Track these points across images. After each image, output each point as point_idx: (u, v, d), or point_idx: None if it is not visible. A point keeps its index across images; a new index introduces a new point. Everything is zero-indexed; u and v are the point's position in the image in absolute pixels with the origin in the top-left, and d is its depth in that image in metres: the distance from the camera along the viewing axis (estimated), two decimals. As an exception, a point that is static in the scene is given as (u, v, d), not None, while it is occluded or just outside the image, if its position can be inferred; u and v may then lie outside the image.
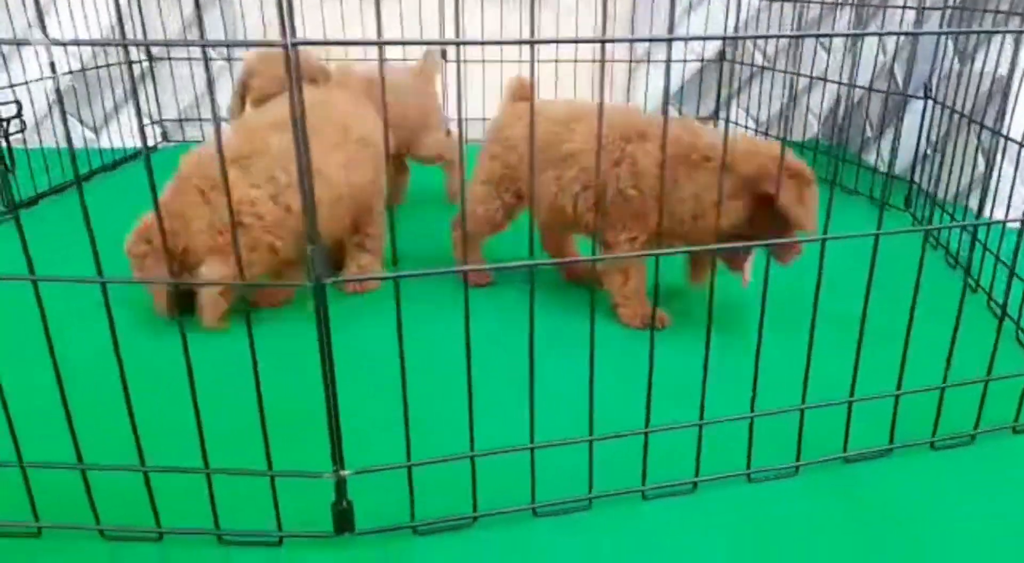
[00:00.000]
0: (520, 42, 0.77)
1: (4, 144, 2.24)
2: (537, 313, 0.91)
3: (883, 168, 2.48)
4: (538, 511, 1.01)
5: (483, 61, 2.96)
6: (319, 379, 0.86)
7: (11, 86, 2.32)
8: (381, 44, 0.73)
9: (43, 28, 0.77)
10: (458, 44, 0.76)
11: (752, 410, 1.05)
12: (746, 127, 3.15)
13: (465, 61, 2.94)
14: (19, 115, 2.29)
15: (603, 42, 0.81)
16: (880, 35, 2.18)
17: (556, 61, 3.01)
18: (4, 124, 2.24)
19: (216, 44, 0.74)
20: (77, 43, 0.75)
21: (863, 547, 0.96)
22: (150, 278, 1.42)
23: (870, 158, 2.69)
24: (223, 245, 1.42)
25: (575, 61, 3.02)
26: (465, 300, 0.88)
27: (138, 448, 0.92)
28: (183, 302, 1.50)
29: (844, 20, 2.96)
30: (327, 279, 0.82)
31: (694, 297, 1.65)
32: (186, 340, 0.86)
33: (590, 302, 0.95)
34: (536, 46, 0.77)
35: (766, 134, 3.08)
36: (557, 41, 0.83)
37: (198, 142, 2.96)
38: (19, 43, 0.77)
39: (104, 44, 0.95)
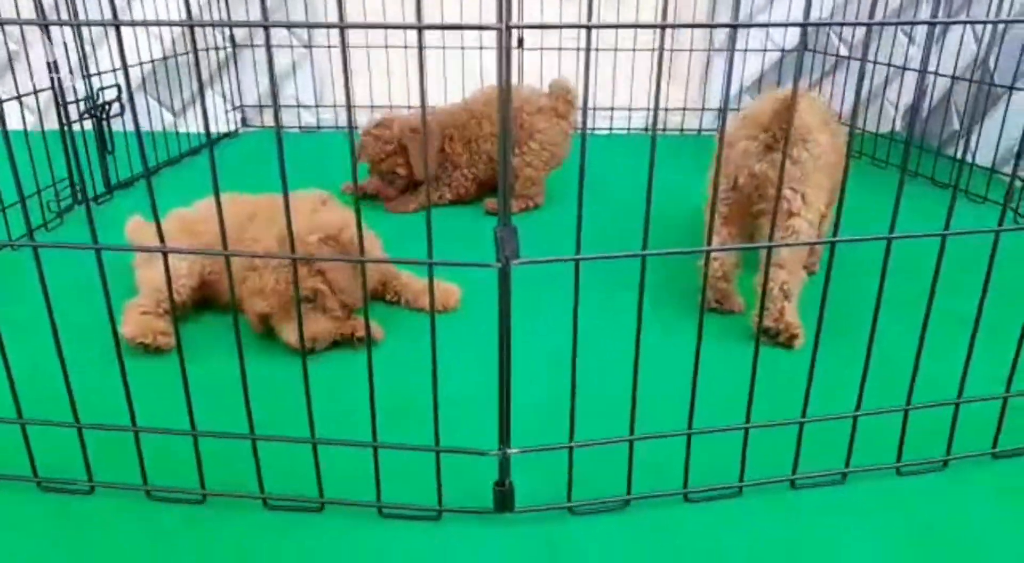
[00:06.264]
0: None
1: (105, 127, 2.31)
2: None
3: (974, 161, 2.42)
4: (690, 496, 1.02)
5: (541, 48, 2.95)
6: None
7: (113, 70, 2.38)
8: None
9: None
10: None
11: (908, 402, 1.04)
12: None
13: (521, 47, 2.94)
14: (119, 98, 2.35)
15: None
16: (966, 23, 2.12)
17: (616, 49, 2.98)
18: (106, 107, 2.30)
19: (432, 27, 0.75)
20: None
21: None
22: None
23: (949, 152, 2.63)
24: None
25: (634, 50, 3.00)
26: (641, 286, 0.88)
27: (310, 421, 0.95)
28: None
29: (927, 8, 2.89)
30: (514, 261, 0.83)
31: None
32: (368, 321, 0.88)
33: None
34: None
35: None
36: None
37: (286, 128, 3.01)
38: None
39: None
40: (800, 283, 1.43)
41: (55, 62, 2.05)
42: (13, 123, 1.07)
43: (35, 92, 2.02)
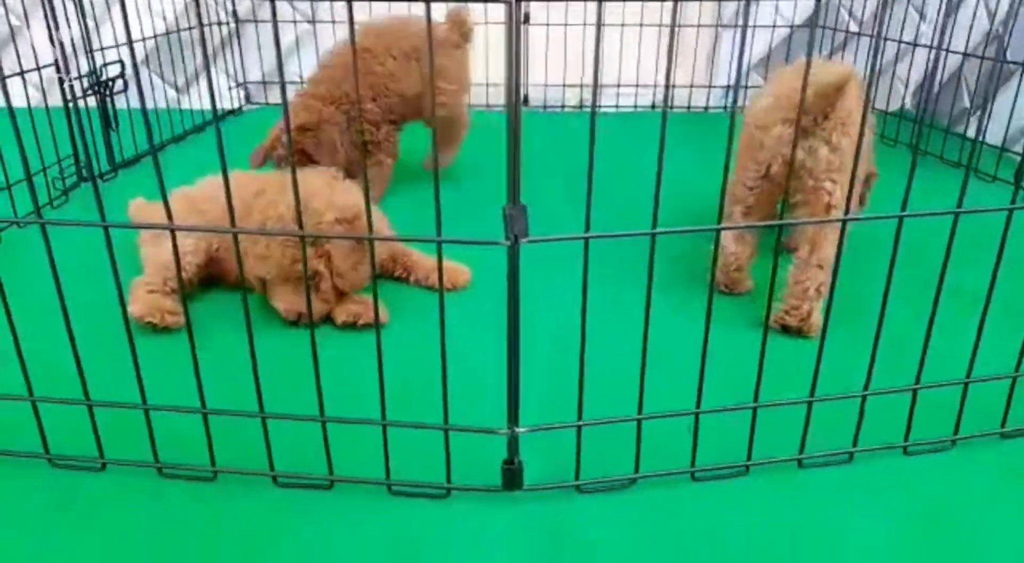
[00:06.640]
0: None
1: (109, 104, 2.29)
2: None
3: (983, 140, 2.39)
4: (697, 475, 1.02)
5: (547, 24, 2.92)
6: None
7: (116, 46, 2.35)
8: None
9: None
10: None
11: (917, 382, 1.04)
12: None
13: (528, 23, 2.91)
14: (122, 75, 2.33)
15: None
16: None
17: (623, 25, 2.94)
18: (110, 83, 2.28)
19: None
20: None
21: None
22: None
23: (959, 129, 2.60)
24: None
25: (640, 25, 2.97)
26: (650, 265, 0.88)
27: (320, 400, 0.95)
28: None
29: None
30: (524, 239, 0.82)
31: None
32: (377, 300, 0.88)
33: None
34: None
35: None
36: None
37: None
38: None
39: None
40: (828, 282, 1.36)
41: (63, 57, 2.03)
42: (16, 100, 1.06)
43: (38, 68, 2.01)
